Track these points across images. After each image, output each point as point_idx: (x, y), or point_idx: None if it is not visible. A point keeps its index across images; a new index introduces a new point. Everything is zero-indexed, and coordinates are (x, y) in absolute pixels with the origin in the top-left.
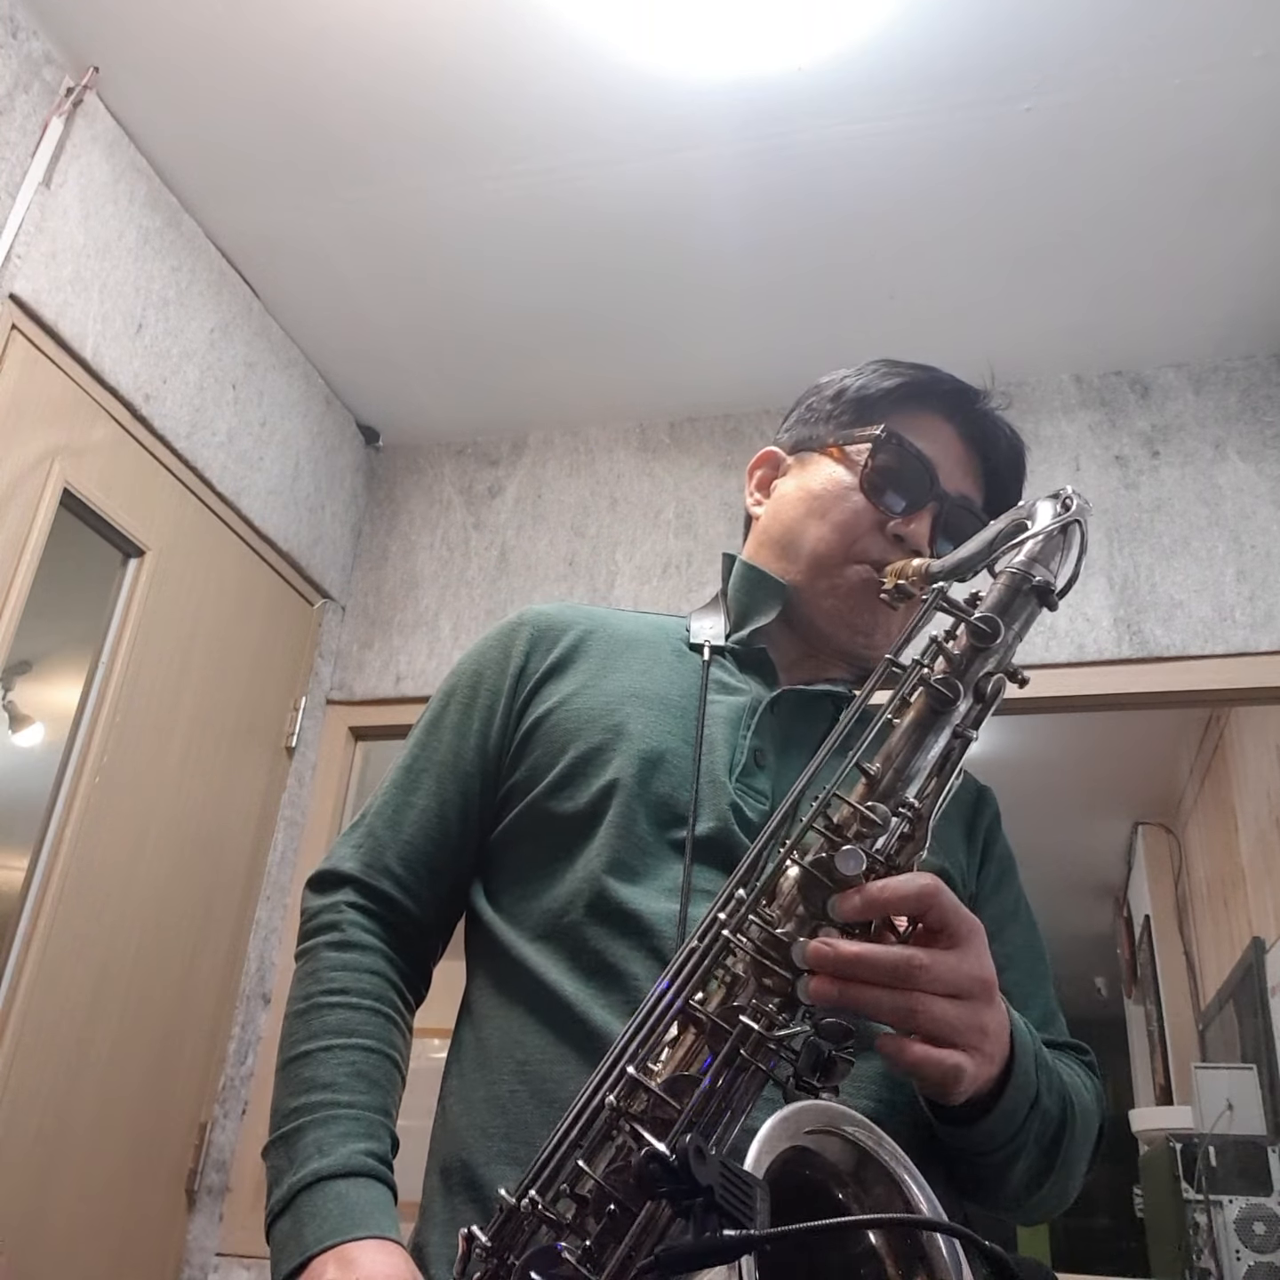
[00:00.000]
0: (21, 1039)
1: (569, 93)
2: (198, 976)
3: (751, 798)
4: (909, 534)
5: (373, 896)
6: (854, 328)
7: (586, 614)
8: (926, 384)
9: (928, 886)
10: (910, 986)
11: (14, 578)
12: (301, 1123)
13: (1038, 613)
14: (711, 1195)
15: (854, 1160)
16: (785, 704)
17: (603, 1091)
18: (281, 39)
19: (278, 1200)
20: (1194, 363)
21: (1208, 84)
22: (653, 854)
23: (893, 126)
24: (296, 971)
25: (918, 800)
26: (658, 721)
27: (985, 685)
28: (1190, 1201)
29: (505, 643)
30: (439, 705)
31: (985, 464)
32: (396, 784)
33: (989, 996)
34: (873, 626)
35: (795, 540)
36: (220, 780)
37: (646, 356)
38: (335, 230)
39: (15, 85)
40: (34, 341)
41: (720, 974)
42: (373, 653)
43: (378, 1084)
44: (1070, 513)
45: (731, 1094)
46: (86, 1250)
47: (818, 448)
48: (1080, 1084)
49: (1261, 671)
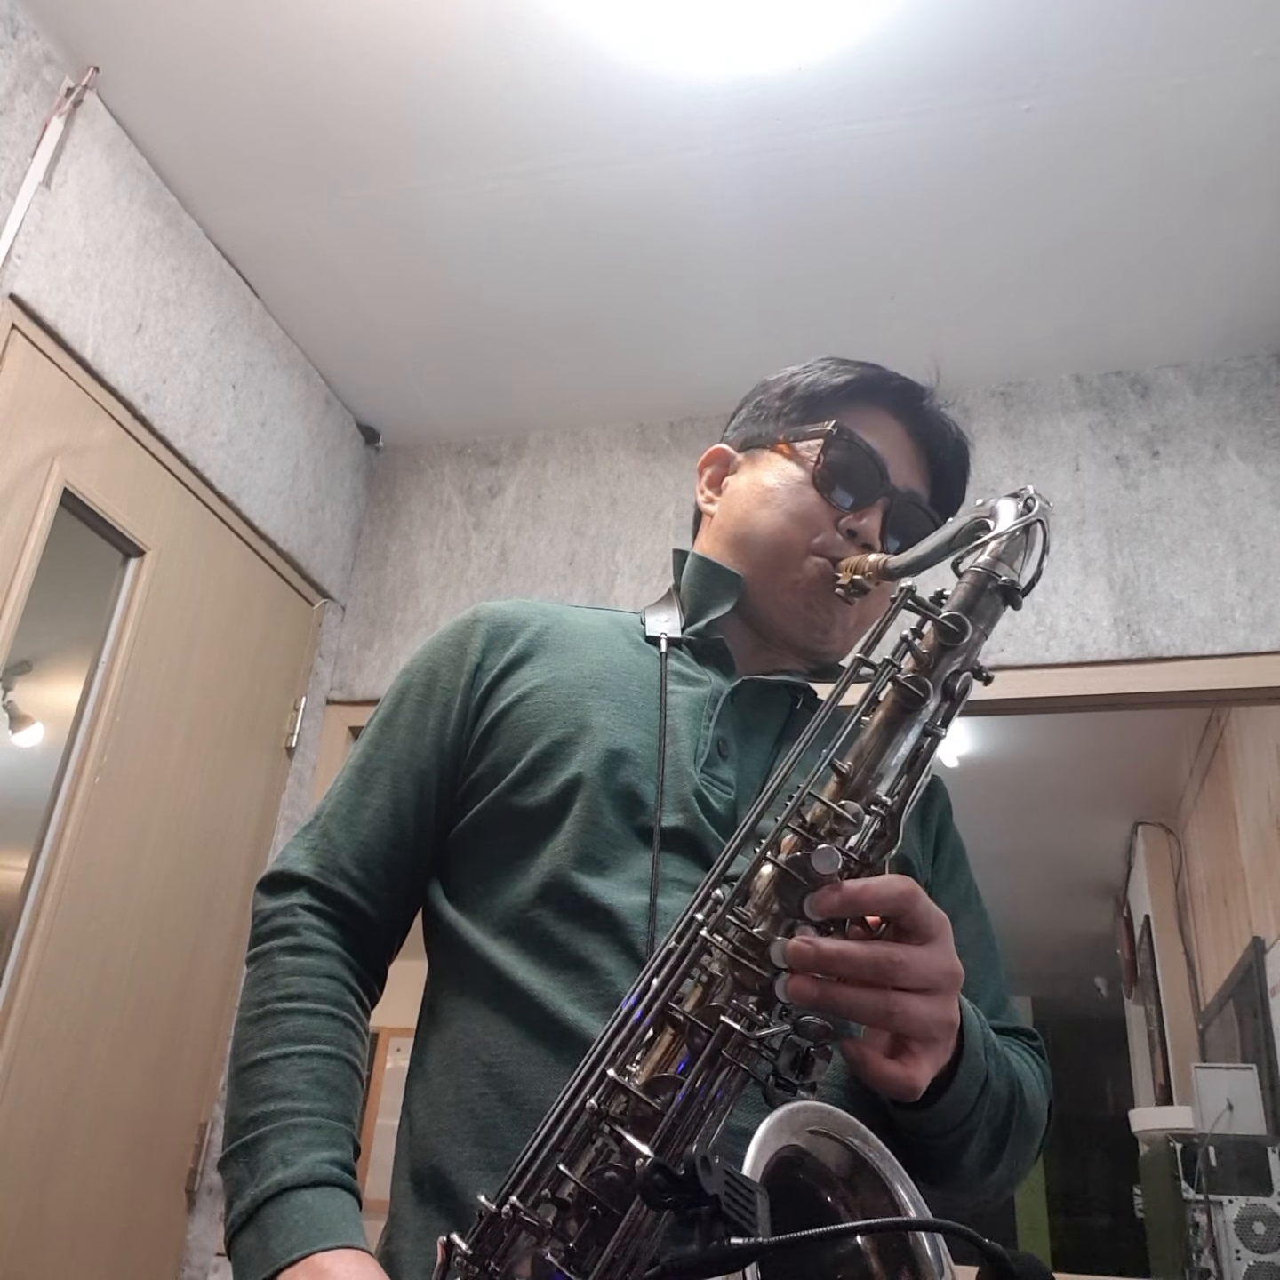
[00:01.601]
0: (21, 1039)
1: (569, 93)
2: (198, 976)
3: (717, 788)
4: (860, 528)
5: (328, 898)
6: (854, 328)
7: (541, 610)
8: (875, 381)
9: (906, 892)
10: (888, 984)
11: (14, 578)
12: (261, 1132)
13: (1002, 611)
14: (718, 1204)
15: (842, 1162)
16: (745, 694)
17: (583, 1094)
18: (282, 39)
19: (240, 1213)
20: (1194, 363)
21: (1208, 84)
22: (620, 846)
23: (893, 126)
24: (249, 976)
25: (889, 798)
26: (620, 713)
27: (954, 683)
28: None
29: (460, 639)
30: (392, 703)
31: (932, 461)
32: (350, 784)
33: (956, 989)
34: (829, 623)
35: (750, 533)
36: (220, 780)
37: (646, 356)
38: (335, 230)
39: (15, 85)
40: (34, 341)
41: (697, 974)
42: (373, 653)
43: (338, 1090)
44: (1033, 513)
45: (713, 1094)
46: (86, 1250)
47: (768, 444)
48: (1028, 1069)
49: (1261, 671)
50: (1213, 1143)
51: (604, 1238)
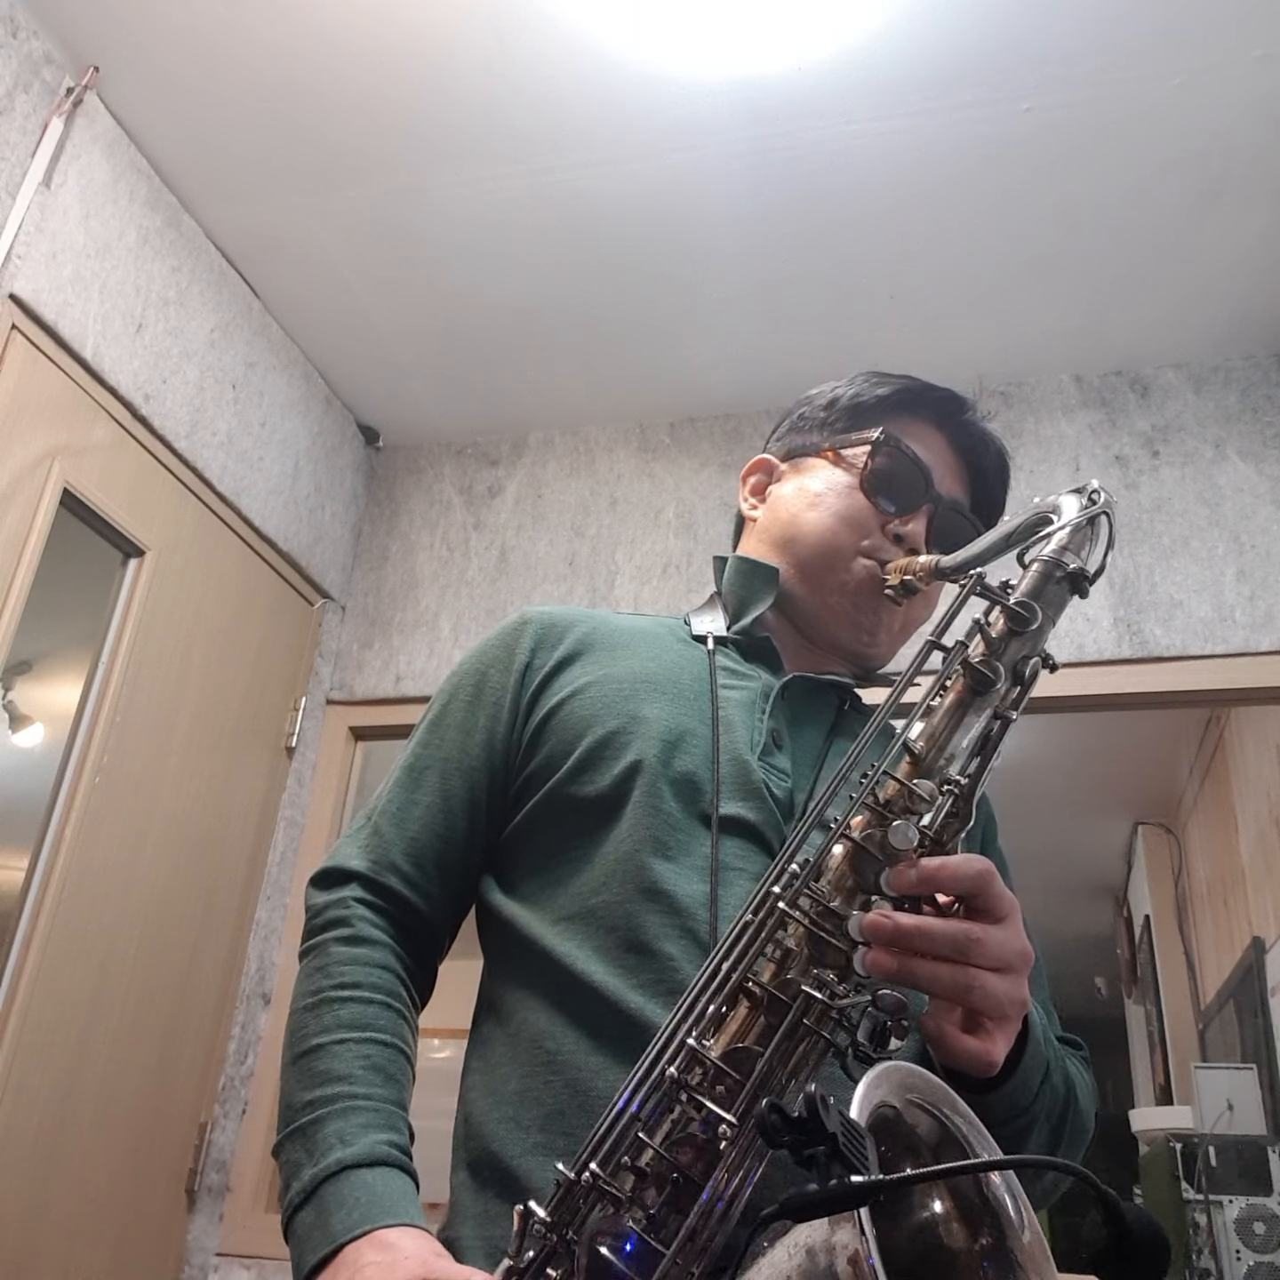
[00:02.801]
0: (21, 1039)
1: (569, 93)
2: (198, 976)
3: (776, 775)
4: (907, 533)
5: (380, 893)
6: (854, 328)
7: (586, 614)
8: (919, 392)
9: (984, 871)
10: (965, 960)
11: (14, 578)
12: (319, 1114)
13: (1069, 599)
14: (836, 1143)
15: (930, 1131)
16: (794, 690)
17: (661, 1063)
18: (282, 39)
19: (298, 1192)
20: (1194, 363)
21: (1208, 84)
22: (684, 830)
23: (893, 126)
24: (304, 967)
25: (962, 778)
26: (672, 705)
27: (1023, 668)
28: (1190, 1201)
29: (509, 641)
30: (441, 704)
31: (974, 471)
32: (400, 783)
33: (1027, 969)
34: (875, 625)
35: (798, 533)
36: (220, 780)
37: (646, 356)
38: (335, 230)
39: (15, 85)
40: (34, 341)
41: (771, 949)
42: (373, 653)
43: (393, 1078)
44: (1098, 505)
45: (792, 1063)
46: (86, 1250)
47: (813, 453)
48: (1078, 1074)
49: (1261, 671)
50: (1213, 1143)
51: (684, 1207)
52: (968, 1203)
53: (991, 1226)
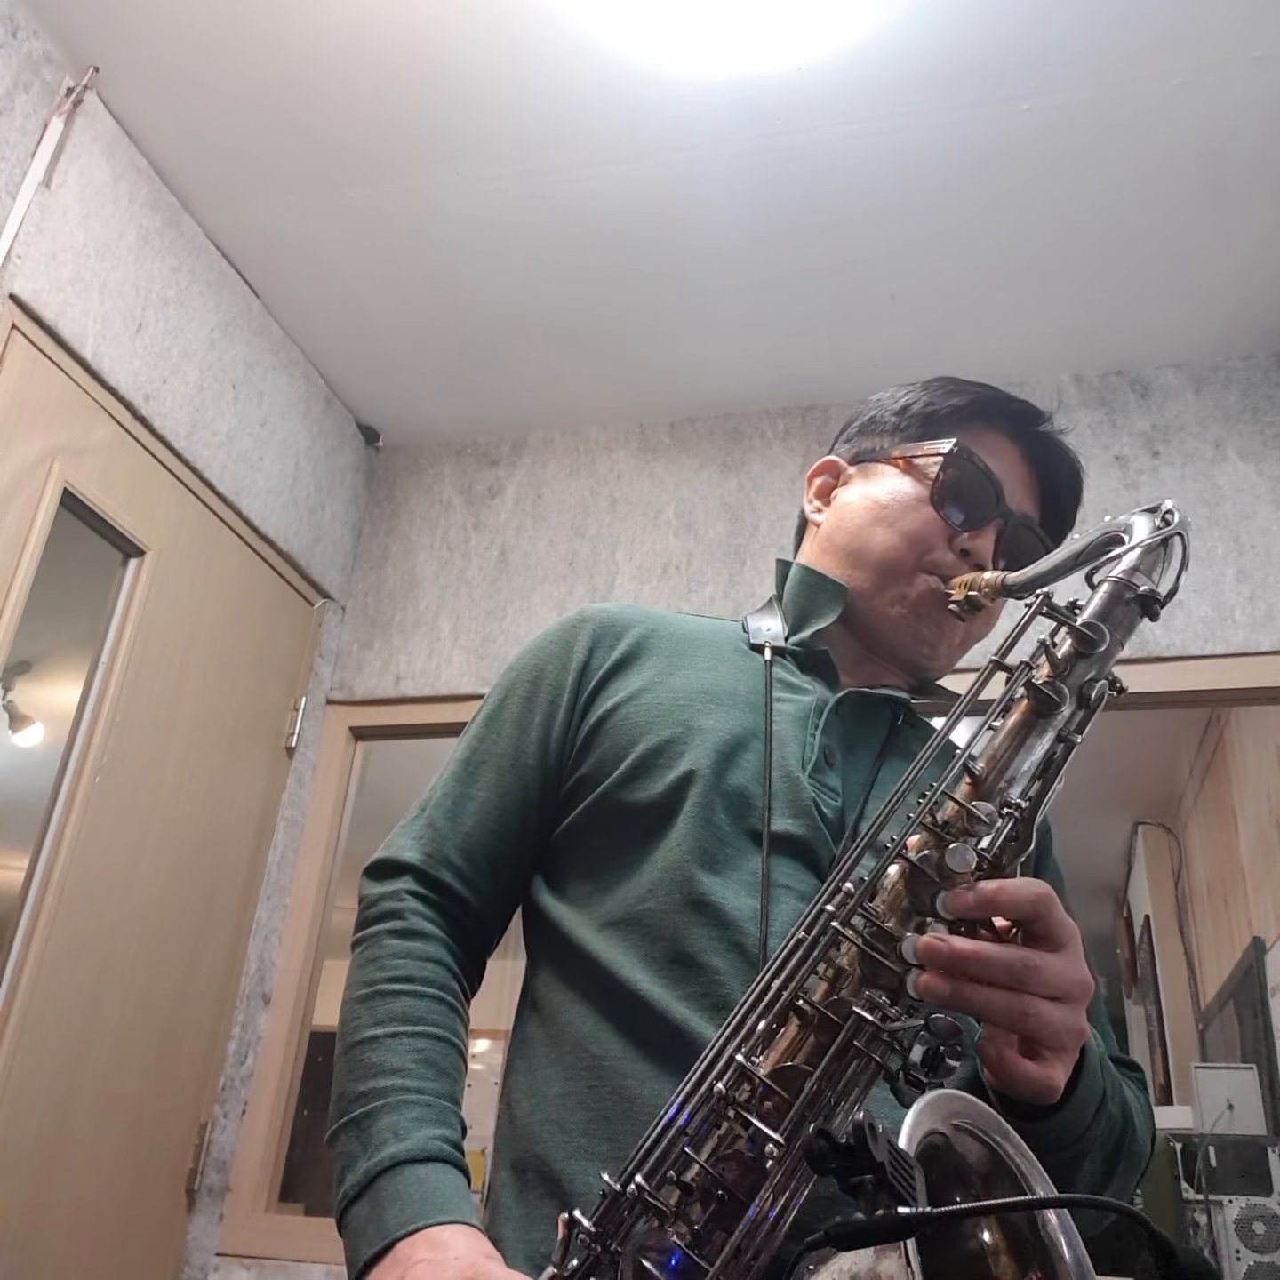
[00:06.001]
0: (21, 1039)
1: (569, 93)
2: (198, 976)
3: (826, 794)
4: (975, 548)
5: (433, 886)
6: (854, 328)
7: (645, 614)
8: (995, 402)
9: (1044, 895)
10: (1021, 988)
11: (14, 578)
12: (373, 1107)
13: (1139, 621)
14: (884, 1173)
15: (982, 1160)
16: (849, 705)
17: (710, 1078)
18: (282, 39)
19: (352, 1185)
20: (1194, 363)
21: (1208, 84)
22: (732, 845)
23: (893, 126)
24: (356, 957)
25: (1023, 800)
26: (728, 717)
27: (1089, 691)
28: (1190, 1201)
29: (567, 639)
30: (498, 699)
31: (1046, 485)
32: (455, 776)
33: (1086, 999)
34: (937, 638)
35: (862, 547)
36: (220, 780)
37: (646, 356)
38: (335, 230)
39: (15, 85)
40: (34, 341)
41: (823, 967)
42: (373, 653)
43: (445, 1072)
44: (1172, 526)
45: (843, 1086)
46: (86, 1250)
47: (883, 459)
48: (1135, 1100)
49: (1261, 671)
50: (1213, 1143)
51: (729, 1225)
52: (1019, 1236)
53: (1043, 1264)
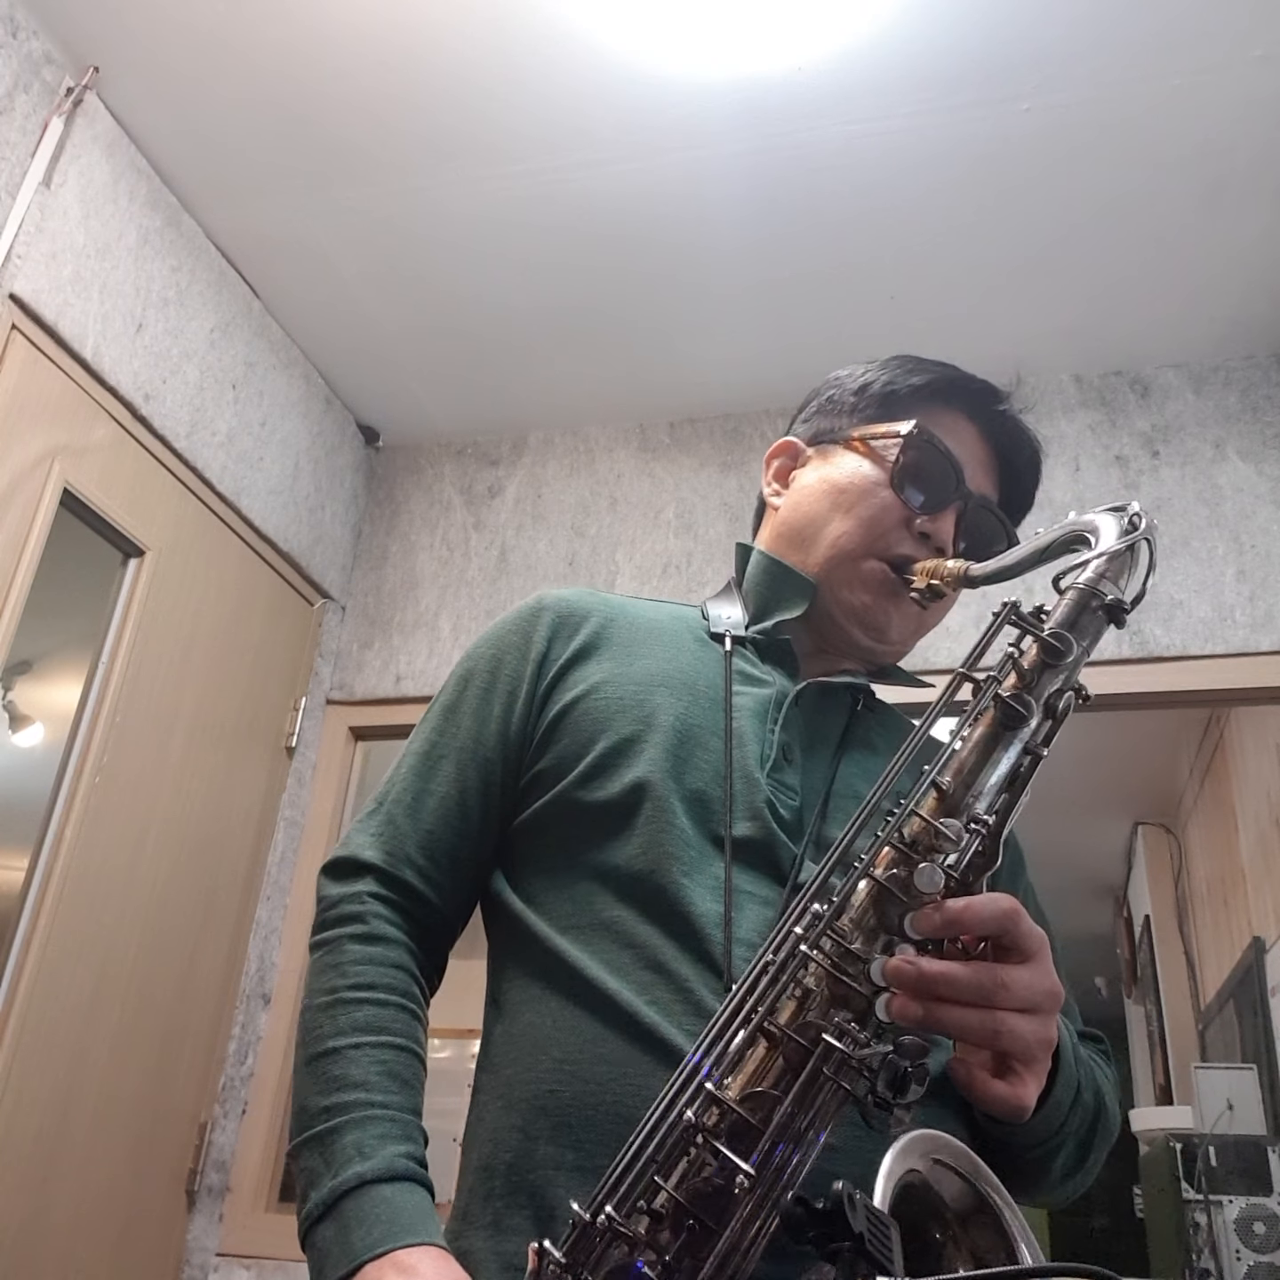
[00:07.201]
0: (21, 1039)
1: (569, 93)
2: (198, 976)
3: (783, 794)
4: (934, 531)
5: (395, 887)
6: (854, 328)
7: (604, 600)
8: (955, 382)
9: (1010, 911)
10: (991, 1005)
11: (14, 578)
12: (337, 1123)
13: (1105, 629)
14: (862, 1242)
15: (959, 1197)
16: (808, 697)
17: (679, 1106)
18: (282, 39)
19: (316, 1204)
20: (1194, 363)
21: (1208, 84)
22: (695, 848)
23: (893, 126)
24: (316, 962)
25: (989, 816)
26: (687, 712)
27: (1056, 702)
28: (1190, 1201)
29: (525, 628)
30: (455, 690)
31: (1005, 466)
32: (414, 770)
33: (1056, 1008)
34: (887, 624)
35: (817, 532)
36: (220, 780)
37: (646, 356)
38: (335, 230)
39: (15, 85)
40: (34, 341)
41: (792, 988)
42: (373, 653)
43: (409, 1084)
44: (1139, 531)
45: (812, 1112)
46: (86, 1250)
47: (841, 440)
48: (1103, 1075)
49: (1261, 671)
50: (1213, 1143)
51: (700, 1253)
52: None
53: None
